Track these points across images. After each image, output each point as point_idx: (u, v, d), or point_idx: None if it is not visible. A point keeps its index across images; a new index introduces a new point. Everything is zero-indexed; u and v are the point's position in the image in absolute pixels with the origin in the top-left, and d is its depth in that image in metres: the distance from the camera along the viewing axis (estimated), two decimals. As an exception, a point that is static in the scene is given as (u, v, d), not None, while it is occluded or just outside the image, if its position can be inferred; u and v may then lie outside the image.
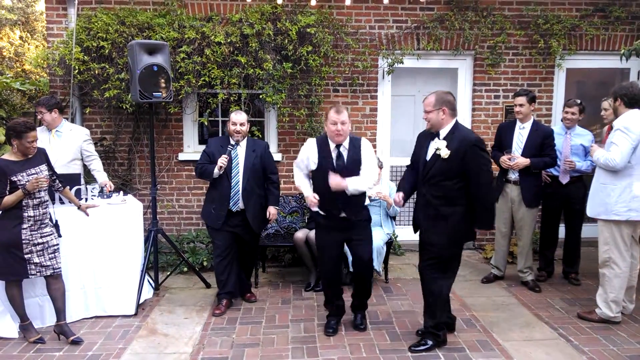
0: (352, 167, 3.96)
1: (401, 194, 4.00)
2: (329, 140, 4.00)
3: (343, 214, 4.00)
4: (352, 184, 3.86)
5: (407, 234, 6.47)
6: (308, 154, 4.04)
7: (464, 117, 6.36)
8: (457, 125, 3.81)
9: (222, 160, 4.48)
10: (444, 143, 3.72)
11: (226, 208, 4.58)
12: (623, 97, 4.18)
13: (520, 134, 5.03)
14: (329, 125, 3.93)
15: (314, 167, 4.02)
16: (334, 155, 3.98)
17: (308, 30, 5.69)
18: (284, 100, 5.88)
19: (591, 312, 4.40)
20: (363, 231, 4.08)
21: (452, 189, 3.74)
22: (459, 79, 6.50)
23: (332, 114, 3.92)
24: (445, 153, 3.70)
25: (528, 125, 5.03)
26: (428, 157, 3.83)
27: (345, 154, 3.98)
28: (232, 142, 4.62)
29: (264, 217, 4.75)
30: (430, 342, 3.89)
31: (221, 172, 4.53)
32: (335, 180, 3.83)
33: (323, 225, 4.10)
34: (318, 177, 4.02)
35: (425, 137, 3.94)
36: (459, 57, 6.38)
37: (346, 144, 4.00)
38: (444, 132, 3.78)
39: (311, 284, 5.22)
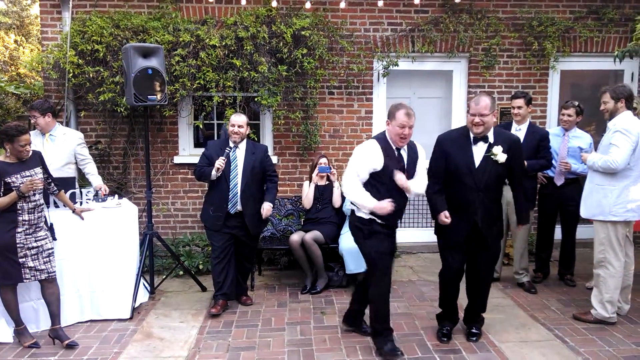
0: (411, 170, 3.82)
1: (447, 214, 3.88)
2: (390, 142, 3.76)
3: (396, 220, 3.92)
4: (413, 186, 3.76)
5: (403, 237, 6.51)
6: (373, 158, 3.70)
7: (460, 119, 6.36)
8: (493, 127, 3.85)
9: (220, 162, 4.48)
10: (500, 148, 3.72)
11: (224, 210, 4.58)
12: (629, 99, 4.21)
13: (516, 136, 5.04)
14: (395, 127, 3.65)
15: (379, 168, 3.71)
16: (396, 155, 3.75)
17: (303, 33, 5.70)
18: (279, 103, 5.89)
19: (587, 313, 4.41)
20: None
21: (502, 190, 3.87)
22: (453, 82, 6.52)
23: (401, 117, 3.61)
24: (503, 158, 3.71)
25: (524, 127, 5.04)
26: (477, 164, 3.78)
27: (405, 155, 3.83)
28: (230, 144, 4.63)
29: (262, 219, 4.76)
30: (480, 329, 4.18)
31: (219, 174, 4.53)
32: (402, 179, 3.67)
33: (379, 232, 3.82)
34: (382, 180, 3.72)
35: (459, 143, 3.84)
36: (454, 60, 6.40)
37: (405, 145, 3.84)
38: (491, 136, 3.77)
39: (307, 286, 5.21)
